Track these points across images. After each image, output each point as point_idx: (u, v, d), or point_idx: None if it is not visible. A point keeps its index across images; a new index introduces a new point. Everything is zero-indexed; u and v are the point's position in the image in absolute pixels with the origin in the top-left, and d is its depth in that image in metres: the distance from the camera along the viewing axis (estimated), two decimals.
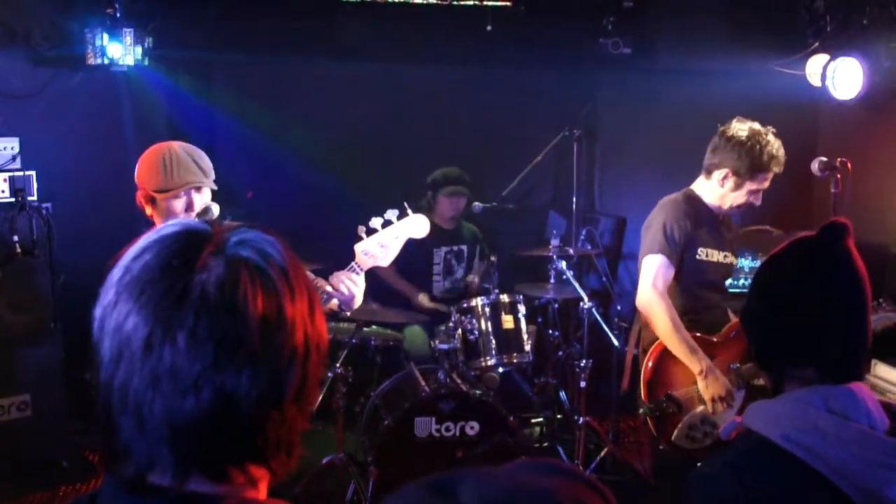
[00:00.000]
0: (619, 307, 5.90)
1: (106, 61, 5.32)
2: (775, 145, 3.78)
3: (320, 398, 4.53)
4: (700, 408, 3.73)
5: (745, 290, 3.96)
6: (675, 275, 3.85)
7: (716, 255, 3.92)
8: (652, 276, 3.81)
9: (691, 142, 6.67)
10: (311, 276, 3.45)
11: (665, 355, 3.79)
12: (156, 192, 3.26)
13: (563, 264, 5.34)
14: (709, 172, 3.90)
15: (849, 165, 3.49)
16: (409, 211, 3.44)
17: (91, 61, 5.33)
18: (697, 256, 3.83)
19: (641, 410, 3.75)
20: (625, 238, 6.93)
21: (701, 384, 3.67)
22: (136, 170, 3.34)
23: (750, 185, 3.79)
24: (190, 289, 1.08)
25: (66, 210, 5.45)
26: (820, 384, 1.82)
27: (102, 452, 1.18)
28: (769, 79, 5.78)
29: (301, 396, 1.16)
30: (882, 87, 5.28)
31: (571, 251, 5.54)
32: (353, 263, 3.36)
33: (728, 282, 4.22)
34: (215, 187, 3.36)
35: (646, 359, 3.84)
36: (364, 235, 3.37)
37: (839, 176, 3.51)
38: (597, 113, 6.85)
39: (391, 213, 3.40)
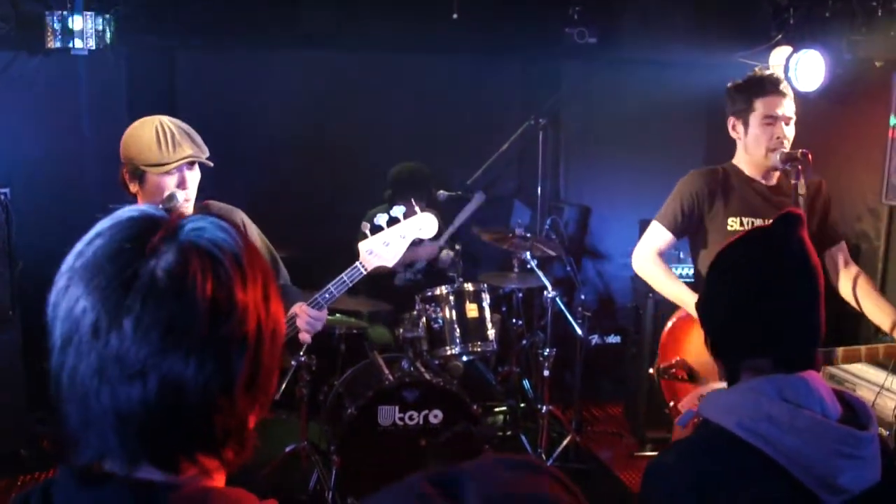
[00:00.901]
0: (583, 296, 5.93)
1: (66, 45, 5.21)
2: (766, 72, 3.75)
3: (283, 387, 4.49)
4: (716, 383, 3.65)
5: None
6: (702, 246, 3.82)
7: (757, 223, 3.72)
8: (647, 240, 3.86)
9: (656, 131, 6.79)
10: (299, 294, 3.34)
11: (686, 322, 3.75)
12: (148, 166, 3.03)
13: (528, 254, 5.34)
14: (731, 133, 3.83)
15: (810, 157, 3.50)
16: (417, 209, 3.30)
17: (51, 45, 5.21)
18: (729, 227, 3.72)
19: (651, 370, 3.78)
20: (589, 227, 6.96)
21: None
22: (122, 145, 3.09)
23: (756, 118, 3.66)
24: (139, 274, 1.07)
25: (24, 196, 5.37)
26: (774, 374, 1.84)
27: (55, 441, 1.17)
28: (733, 70, 5.78)
29: (253, 385, 1.14)
30: (843, 79, 5.33)
31: (536, 241, 5.55)
32: (357, 263, 3.21)
33: None
34: (211, 164, 3.15)
35: (668, 321, 3.85)
36: (368, 233, 3.22)
37: (800, 167, 3.52)
38: (562, 102, 6.85)
39: (397, 211, 3.23)
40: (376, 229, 3.23)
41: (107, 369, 1.06)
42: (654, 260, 3.82)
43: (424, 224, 3.27)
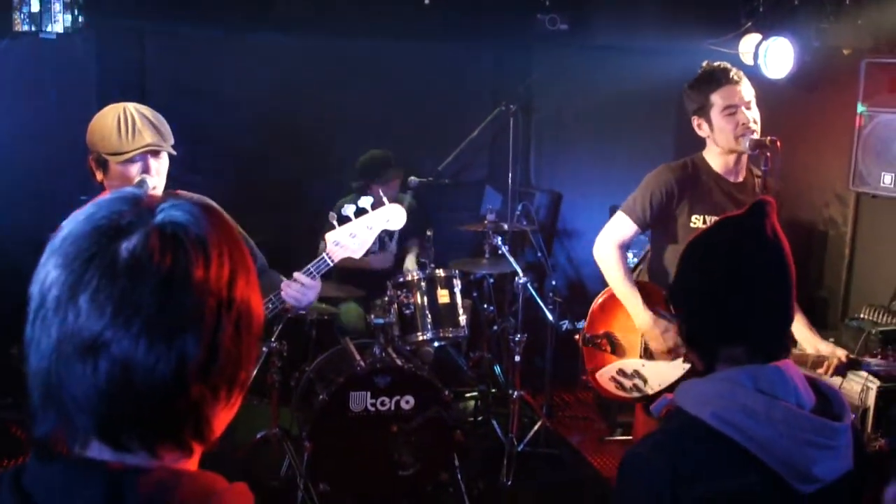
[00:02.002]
0: (553, 282, 5.96)
1: (34, 28, 5.13)
2: (714, 64, 3.77)
3: (253, 373, 4.47)
4: (637, 360, 3.79)
5: None
6: (669, 240, 3.84)
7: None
8: (611, 230, 3.88)
9: (626, 118, 6.81)
10: (280, 278, 3.33)
11: (616, 300, 3.85)
12: (109, 155, 3.01)
13: (499, 240, 5.35)
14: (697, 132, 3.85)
15: (778, 144, 3.53)
16: (385, 200, 3.27)
17: (18, 28, 5.12)
18: (692, 224, 3.74)
19: (578, 336, 3.91)
20: (560, 213, 6.98)
21: (646, 335, 3.73)
22: (88, 132, 3.07)
23: (716, 111, 3.68)
24: (101, 252, 1.07)
25: None
26: (749, 363, 1.85)
27: (25, 416, 1.18)
28: (703, 57, 5.80)
29: (210, 372, 1.12)
30: (811, 67, 5.38)
31: (506, 227, 5.57)
32: (323, 254, 3.18)
33: None
34: (174, 152, 3.12)
35: (601, 294, 3.96)
36: (335, 224, 3.20)
37: (769, 154, 3.55)
38: (533, 88, 6.86)
39: (365, 201, 3.21)
40: (343, 220, 3.21)
41: (63, 344, 1.06)
42: (614, 255, 3.83)
43: (392, 215, 3.25)
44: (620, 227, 3.85)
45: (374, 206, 3.23)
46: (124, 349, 1.06)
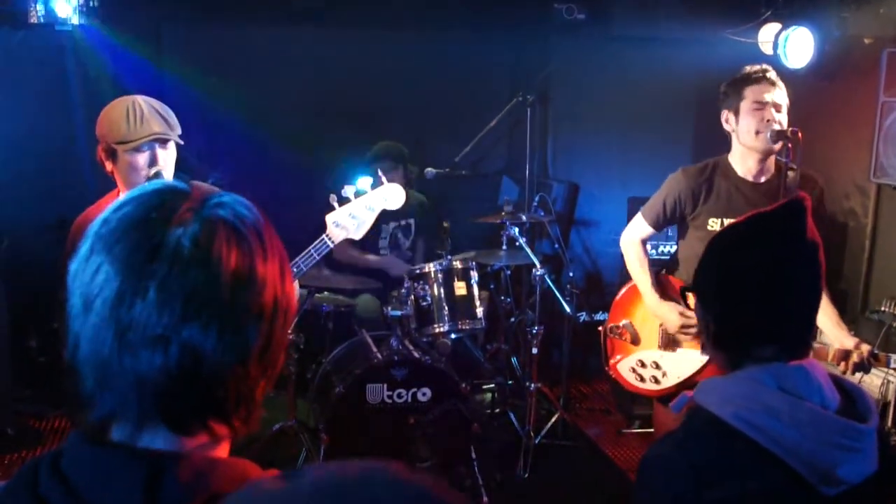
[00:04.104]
0: (571, 273, 5.93)
1: (50, 20, 5.15)
2: (754, 66, 3.77)
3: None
4: (656, 350, 3.91)
5: None
6: (687, 240, 3.95)
7: None
8: (632, 228, 4.07)
9: (644, 108, 6.76)
10: None
11: (638, 291, 4.02)
12: (117, 143, 3.03)
13: (516, 231, 5.33)
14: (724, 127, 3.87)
15: (800, 135, 3.49)
16: (384, 179, 3.28)
17: (34, 19, 5.15)
18: (709, 227, 3.78)
19: (601, 328, 4.08)
20: (577, 204, 6.95)
21: (655, 314, 3.88)
22: (97, 123, 3.11)
23: (745, 106, 3.68)
24: (165, 242, 1.10)
25: (8, 173, 5.33)
26: (775, 361, 1.82)
27: (69, 403, 1.20)
28: (722, 47, 5.81)
29: (265, 356, 1.18)
30: (832, 56, 5.33)
31: (524, 218, 5.54)
32: (323, 236, 3.20)
33: None
34: (181, 142, 3.15)
35: (624, 286, 4.15)
36: (336, 205, 3.21)
37: (790, 145, 3.52)
38: (550, 79, 6.82)
39: (364, 182, 3.23)
40: (343, 200, 3.22)
41: (128, 334, 1.09)
42: (634, 246, 4.04)
43: (390, 195, 3.27)
44: (638, 226, 4.04)
45: (373, 187, 3.25)
46: (194, 338, 1.10)
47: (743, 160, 3.79)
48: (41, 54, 5.77)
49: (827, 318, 3.56)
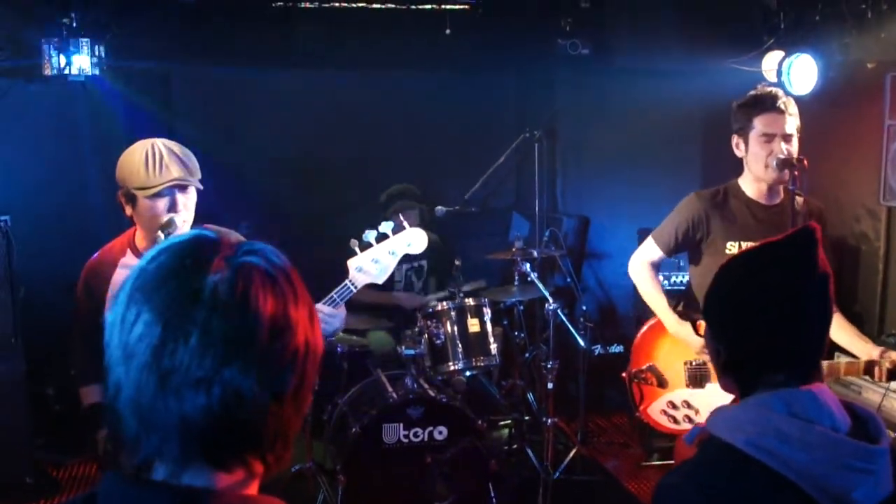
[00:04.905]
0: (584, 307, 5.92)
1: (62, 72, 5.23)
2: (767, 90, 3.75)
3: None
4: (684, 389, 3.85)
5: None
6: (698, 263, 3.94)
7: None
8: (641, 252, 4.06)
9: (651, 140, 6.79)
10: None
11: (656, 328, 3.97)
12: (137, 189, 3.04)
13: (528, 266, 5.34)
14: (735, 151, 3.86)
15: (805, 163, 3.52)
16: (406, 224, 3.26)
17: (47, 72, 5.24)
18: (727, 250, 3.77)
19: (624, 374, 3.94)
20: (588, 237, 6.96)
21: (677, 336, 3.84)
22: (117, 167, 3.11)
23: (755, 135, 3.67)
24: (203, 289, 1.15)
25: (24, 222, 5.38)
26: (786, 387, 1.82)
27: (105, 448, 1.25)
28: (726, 76, 5.83)
29: (298, 396, 1.23)
30: (836, 82, 5.35)
31: (535, 253, 5.55)
32: (346, 281, 3.16)
33: None
34: (201, 187, 3.15)
35: (642, 326, 4.09)
36: (357, 250, 3.18)
37: (796, 173, 3.53)
38: (557, 113, 6.86)
39: (386, 226, 3.19)
40: (365, 245, 3.19)
41: (171, 378, 1.13)
42: (644, 270, 4.02)
43: (413, 239, 3.23)
44: (649, 250, 4.01)
45: (394, 231, 3.22)
46: (235, 379, 1.15)
47: (753, 184, 3.82)
48: (54, 106, 5.85)
49: (846, 334, 3.58)
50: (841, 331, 3.66)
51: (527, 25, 6.24)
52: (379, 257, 3.19)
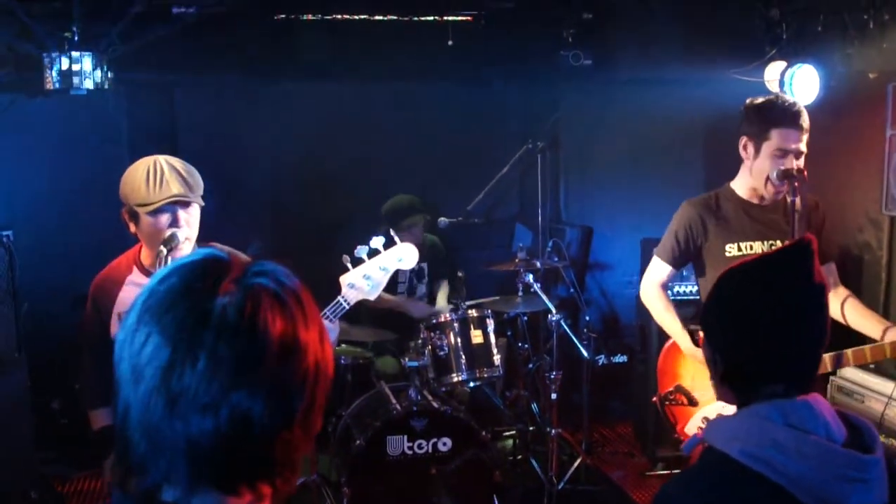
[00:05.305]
0: (588, 317, 5.92)
1: (64, 86, 5.23)
2: (788, 101, 3.69)
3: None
4: (716, 404, 3.74)
5: None
6: (702, 273, 3.91)
7: (757, 247, 3.78)
8: (650, 274, 4.01)
9: (654, 150, 6.81)
10: None
11: (676, 348, 3.92)
12: (138, 206, 3.06)
13: (531, 277, 5.34)
14: (740, 151, 3.83)
15: (805, 174, 3.53)
16: (397, 239, 3.24)
17: (49, 86, 5.23)
18: (727, 254, 3.76)
19: (655, 399, 3.88)
20: (592, 247, 6.96)
21: (693, 358, 3.78)
22: (120, 184, 3.12)
23: (768, 147, 3.63)
24: (212, 312, 1.14)
25: (27, 237, 5.39)
26: (783, 398, 1.84)
27: (113, 469, 1.24)
28: (728, 87, 5.84)
29: (307, 419, 1.21)
30: (838, 92, 5.35)
31: (538, 264, 5.56)
32: (339, 298, 3.15)
33: None
34: (203, 203, 3.16)
35: (663, 348, 4.01)
36: (349, 266, 3.16)
37: (797, 185, 3.53)
38: (560, 124, 6.88)
39: (377, 242, 3.16)
40: (357, 261, 3.18)
41: (179, 401, 1.12)
42: (655, 293, 3.97)
43: (404, 255, 3.21)
44: (656, 269, 3.98)
45: (386, 246, 3.20)
46: (244, 403, 1.14)
47: (748, 187, 3.82)
48: (57, 120, 5.86)
49: (858, 315, 3.68)
50: (862, 317, 3.72)
51: (529, 36, 6.25)
52: (370, 273, 3.17)
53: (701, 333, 2.04)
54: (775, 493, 1.74)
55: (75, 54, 5.22)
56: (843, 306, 3.77)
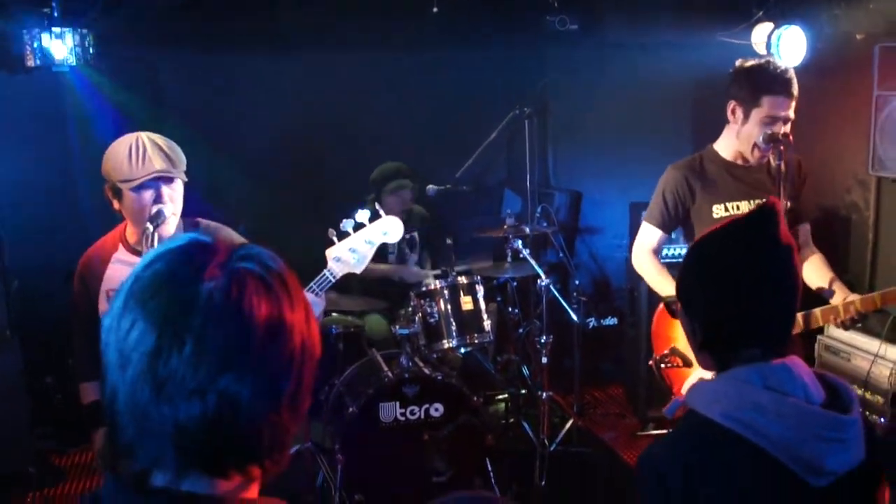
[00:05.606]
0: (577, 281, 5.96)
1: (46, 63, 5.18)
2: (779, 67, 3.67)
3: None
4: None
5: None
6: (692, 237, 3.91)
7: (744, 207, 3.78)
8: (640, 240, 4.01)
9: (641, 113, 6.81)
10: None
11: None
12: (121, 182, 3.06)
13: (520, 243, 5.36)
14: (728, 114, 3.81)
15: (791, 138, 3.54)
16: (382, 213, 3.27)
17: (30, 63, 5.17)
18: (714, 215, 3.76)
19: (651, 363, 3.85)
20: (581, 212, 6.99)
21: None
22: (102, 161, 3.13)
23: (758, 114, 3.62)
24: (198, 297, 1.14)
25: (14, 215, 5.40)
26: (762, 361, 1.88)
27: (103, 452, 1.25)
28: (716, 49, 5.83)
29: (295, 401, 1.22)
30: (825, 53, 5.36)
31: (527, 229, 5.58)
32: (325, 271, 3.17)
33: None
34: (186, 179, 3.17)
35: (655, 312, 4.00)
36: (335, 239, 3.20)
37: (782, 148, 3.54)
38: (547, 90, 6.87)
39: (362, 215, 3.20)
40: (342, 235, 3.21)
41: (166, 386, 1.13)
42: (646, 259, 3.96)
43: (390, 228, 3.24)
44: (647, 235, 3.97)
45: (371, 220, 3.23)
46: (231, 388, 1.14)
47: (733, 149, 3.82)
48: (39, 97, 5.81)
49: (819, 277, 3.71)
50: (815, 272, 3.75)
51: (514, 2, 6.21)
52: (356, 246, 3.20)
53: (678, 305, 2.07)
54: (756, 454, 1.79)
55: (56, 30, 5.17)
56: (806, 265, 3.80)
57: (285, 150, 6.36)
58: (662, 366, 3.79)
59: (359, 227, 3.21)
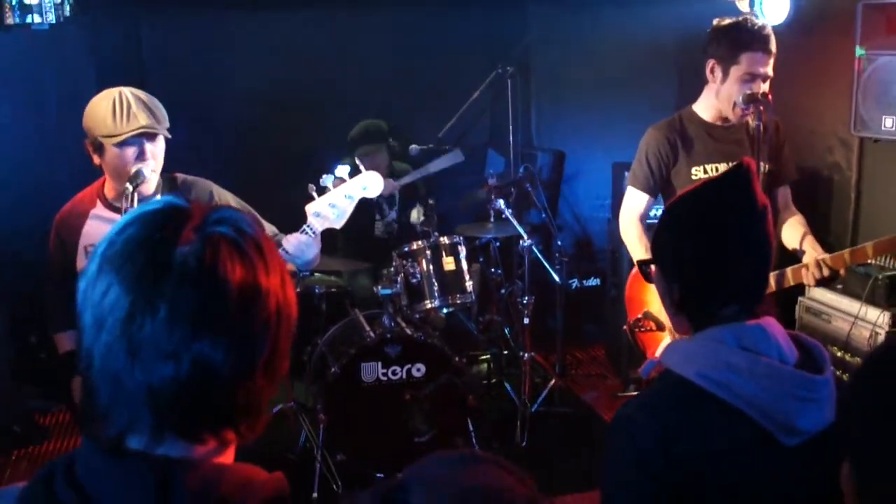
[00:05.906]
0: (560, 241, 5.96)
1: (24, 20, 5.09)
2: (757, 24, 3.66)
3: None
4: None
5: None
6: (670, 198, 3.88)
7: (723, 168, 3.74)
8: (627, 206, 3.96)
9: (624, 71, 6.78)
10: (270, 229, 3.40)
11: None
12: (104, 137, 3.06)
13: (502, 203, 5.35)
14: (707, 74, 3.80)
15: (770, 98, 3.53)
16: (362, 167, 3.28)
17: (9, 21, 5.09)
18: (693, 176, 3.76)
19: (625, 327, 3.86)
20: (564, 171, 6.97)
21: None
22: (84, 115, 3.13)
23: (737, 71, 3.62)
24: (172, 261, 1.14)
25: None
26: (737, 321, 1.89)
27: (80, 415, 1.25)
28: (699, 6, 5.80)
29: (270, 366, 1.22)
30: (808, 12, 5.33)
31: (510, 189, 5.57)
32: (304, 226, 3.19)
33: None
34: (169, 136, 3.17)
35: (628, 277, 3.98)
36: (315, 195, 3.21)
37: (762, 108, 3.54)
38: (530, 48, 6.82)
39: (342, 170, 3.22)
40: (322, 190, 3.22)
41: (141, 351, 1.13)
42: (630, 226, 3.92)
43: (369, 183, 3.25)
44: (633, 200, 3.93)
45: (351, 175, 3.24)
46: (205, 352, 1.15)
47: (712, 110, 3.82)
48: (20, 57, 5.72)
49: (796, 235, 3.70)
50: (793, 232, 3.76)
51: None
52: (336, 202, 3.21)
53: (653, 267, 2.08)
54: (729, 413, 1.81)
55: None
56: (784, 227, 3.81)
57: (265, 107, 6.29)
58: (636, 330, 3.82)
59: (338, 182, 3.22)
